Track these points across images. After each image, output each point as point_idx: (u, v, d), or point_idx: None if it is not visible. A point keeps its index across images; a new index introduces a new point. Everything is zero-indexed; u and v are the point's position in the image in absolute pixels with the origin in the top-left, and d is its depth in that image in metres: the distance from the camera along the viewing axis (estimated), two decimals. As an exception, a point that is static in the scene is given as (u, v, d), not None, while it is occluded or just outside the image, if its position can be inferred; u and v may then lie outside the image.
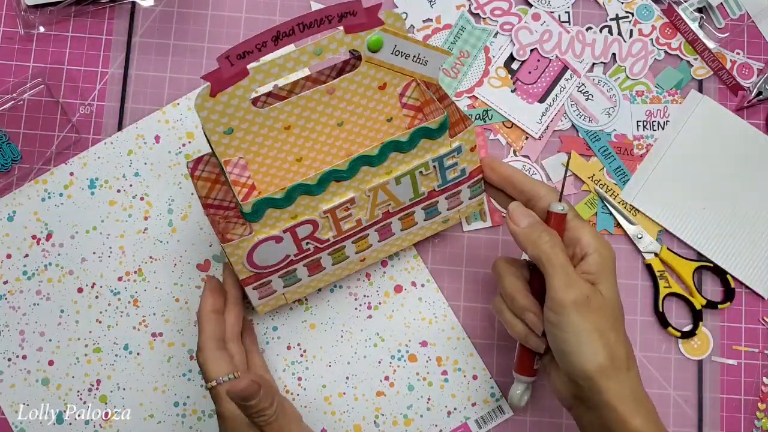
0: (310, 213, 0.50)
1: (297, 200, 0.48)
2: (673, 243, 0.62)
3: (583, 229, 0.49)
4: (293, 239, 0.50)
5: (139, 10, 0.64)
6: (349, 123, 0.53)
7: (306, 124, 0.51)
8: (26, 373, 0.59)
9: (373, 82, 0.51)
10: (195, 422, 0.59)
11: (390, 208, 0.53)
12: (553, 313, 0.47)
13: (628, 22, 0.65)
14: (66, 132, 0.62)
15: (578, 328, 0.46)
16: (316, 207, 0.50)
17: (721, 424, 0.60)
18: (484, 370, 0.60)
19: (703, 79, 0.65)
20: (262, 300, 0.55)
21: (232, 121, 0.47)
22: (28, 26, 0.63)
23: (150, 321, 0.60)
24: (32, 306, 0.60)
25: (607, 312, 0.47)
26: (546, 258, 0.47)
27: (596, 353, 0.46)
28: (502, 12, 0.64)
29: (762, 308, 0.62)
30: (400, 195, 0.52)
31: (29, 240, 0.60)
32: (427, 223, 0.57)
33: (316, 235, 0.51)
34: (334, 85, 0.50)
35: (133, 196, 0.61)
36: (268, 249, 0.50)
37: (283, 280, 0.54)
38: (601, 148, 0.63)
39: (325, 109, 0.51)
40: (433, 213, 0.56)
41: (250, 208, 0.47)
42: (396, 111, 0.54)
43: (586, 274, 0.48)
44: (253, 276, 0.52)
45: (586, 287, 0.47)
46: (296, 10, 0.64)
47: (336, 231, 0.52)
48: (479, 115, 0.63)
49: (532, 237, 0.49)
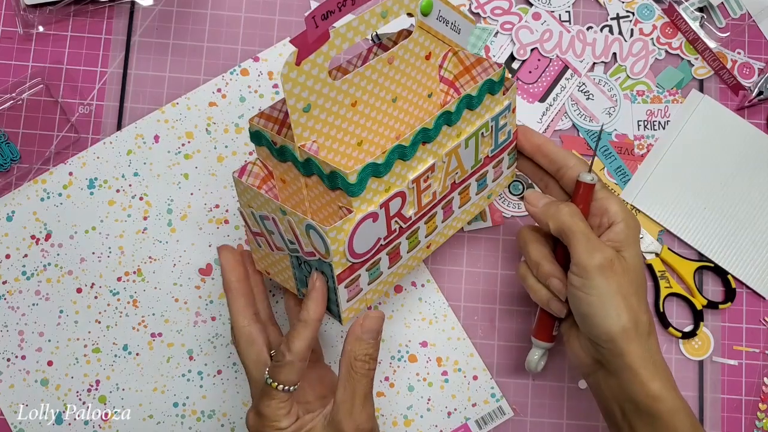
0: (400, 184, 0.46)
1: (392, 168, 0.45)
2: (673, 243, 0.62)
3: (610, 200, 0.50)
4: (385, 216, 0.46)
5: (138, 9, 0.64)
6: (401, 99, 0.51)
7: (369, 99, 0.49)
8: (25, 374, 0.59)
9: (422, 51, 0.50)
10: (194, 422, 0.59)
11: (456, 178, 0.51)
12: (578, 277, 0.47)
13: (629, 22, 0.65)
14: (65, 132, 0.62)
15: (602, 291, 0.46)
16: (404, 176, 0.47)
17: (721, 424, 0.60)
18: (484, 370, 0.60)
19: (703, 79, 0.65)
20: (350, 303, 0.49)
21: (311, 95, 0.44)
22: (27, 26, 0.62)
23: (149, 321, 0.60)
24: (31, 306, 0.60)
25: (631, 277, 0.48)
26: (567, 227, 0.48)
27: (620, 316, 0.46)
28: (502, 11, 0.64)
29: (763, 308, 0.62)
30: (465, 161, 0.51)
31: (28, 240, 0.60)
32: (476, 199, 0.55)
33: (402, 211, 0.48)
34: (394, 53, 0.48)
35: (132, 196, 0.61)
36: (365, 231, 0.45)
37: (369, 274, 0.48)
38: (602, 148, 0.63)
39: (384, 82, 0.49)
40: (482, 185, 0.54)
41: (355, 177, 0.43)
42: (435, 85, 0.53)
43: (611, 242, 0.49)
44: (348, 269, 0.46)
45: (610, 252, 0.47)
46: (296, 10, 0.64)
47: (417, 207, 0.49)
48: (479, 115, 0.63)
49: (550, 211, 0.49)
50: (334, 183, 0.44)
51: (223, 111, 0.62)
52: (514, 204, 0.62)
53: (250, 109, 0.62)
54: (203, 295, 0.60)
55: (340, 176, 0.43)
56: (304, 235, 0.44)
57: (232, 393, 0.59)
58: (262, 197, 0.46)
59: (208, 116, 0.62)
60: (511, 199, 0.62)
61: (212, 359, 0.60)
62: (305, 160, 0.45)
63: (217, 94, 0.63)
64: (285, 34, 0.64)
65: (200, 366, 0.59)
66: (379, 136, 0.51)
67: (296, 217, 0.44)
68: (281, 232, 0.46)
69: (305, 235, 0.44)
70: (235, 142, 0.62)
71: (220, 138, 0.62)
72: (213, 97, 0.63)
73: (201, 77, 0.63)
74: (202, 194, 0.61)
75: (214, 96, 0.63)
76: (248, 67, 0.63)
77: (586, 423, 0.60)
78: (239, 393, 0.59)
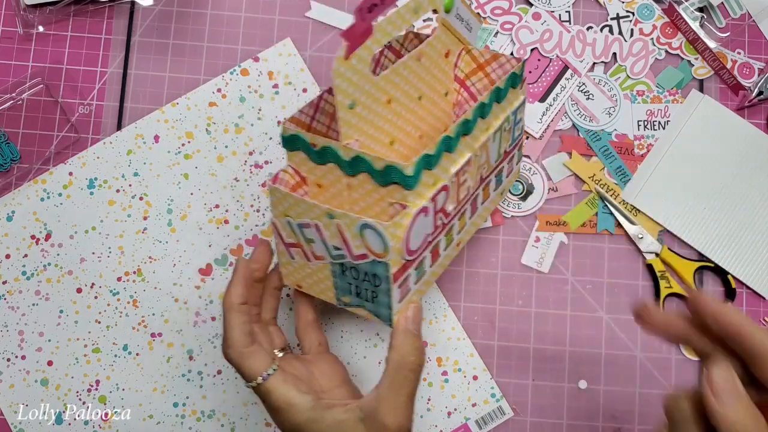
0: (444, 177, 0.45)
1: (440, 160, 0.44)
2: (674, 243, 0.62)
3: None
4: (433, 211, 0.45)
5: (138, 9, 0.64)
6: (425, 97, 0.51)
7: (401, 97, 0.48)
8: (25, 374, 0.59)
9: (443, 49, 0.50)
10: (194, 423, 0.59)
11: (483, 173, 0.50)
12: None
13: (629, 22, 0.65)
14: (65, 132, 0.62)
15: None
16: (448, 169, 0.46)
17: (721, 424, 0.60)
18: (484, 370, 0.60)
19: (703, 79, 0.65)
20: (400, 304, 0.46)
21: (356, 91, 0.43)
22: (27, 26, 0.62)
23: (149, 321, 0.60)
24: (31, 306, 0.60)
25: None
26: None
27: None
28: (502, 11, 0.64)
29: (763, 308, 0.62)
30: (492, 156, 0.50)
31: (28, 240, 0.60)
32: (494, 195, 0.54)
33: (445, 206, 0.46)
34: (422, 50, 0.48)
35: (132, 196, 0.61)
36: (418, 226, 0.44)
37: (416, 273, 0.47)
38: (602, 148, 0.63)
39: (413, 80, 0.48)
40: (499, 181, 0.54)
41: (412, 170, 0.42)
42: (451, 84, 0.53)
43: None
44: (402, 268, 0.44)
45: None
46: (296, 10, 0.64)
47: (455, 201, 0.48)
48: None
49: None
50: (387, 178, 0.43)
51: (223, 111, 0.62)
52: (514, 204, 0.62)
53: (250, 109, 0.62)
54: (203, 295, 0.60)
55: (397, 170, 0.42)
56: (356, 237, 0.43)
57: (232, 393, 0.59)
58: (305, 203, 0.44)
59: (208, 116, 0.62)
60: (511, 200, 0.62)
61: (212, 359, 0.60)
62: (352, 158, 0.44)
63: (217, 94, 0.63)
64: (285, 34, 0.64)
65: (200, 366, 0.59)
66: (406, 134, 0.50)
67: (348, 218, 0.42)
68: (324, 239, 0.45)
69: (358, 236, 0.43)
70: (235, 142, 0.62)
71: (220, 138, 0.62)
72: (213, 97, 0.62)
73: (201, 77, 0.63)
74: (202, 194, 0.61)
75: (214, 96, 0.63)
76: (248, 67, 0.63)
77: (586, 423, 0.60)
78: (239, 393, 0.59)
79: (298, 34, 0.64)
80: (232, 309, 0.47)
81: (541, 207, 0.62)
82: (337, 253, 0.45)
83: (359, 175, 0.44)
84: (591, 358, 0.61)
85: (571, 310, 0.61)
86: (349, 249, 0.44)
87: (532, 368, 0.60)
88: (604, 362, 0.61)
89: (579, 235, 0.62)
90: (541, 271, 0.62)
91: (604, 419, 0.60)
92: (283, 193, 0.45)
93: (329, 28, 0.64)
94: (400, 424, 0.44)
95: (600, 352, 0.61)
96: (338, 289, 0.47)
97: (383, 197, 0.44)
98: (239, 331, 0.47)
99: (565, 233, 0.62)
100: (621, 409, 0.60)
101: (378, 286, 0.45)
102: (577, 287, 0.62)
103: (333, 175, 0.45)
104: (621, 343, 0.61)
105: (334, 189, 0.46)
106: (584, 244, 0.62)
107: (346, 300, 0.48)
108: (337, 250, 0.44)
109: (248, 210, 0.61)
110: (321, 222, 0.44)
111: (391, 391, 0.44)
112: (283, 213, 0.46)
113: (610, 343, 0.61)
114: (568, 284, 0.62)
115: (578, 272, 0.62)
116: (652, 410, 0.60)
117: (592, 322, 0.61)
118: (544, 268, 0.62)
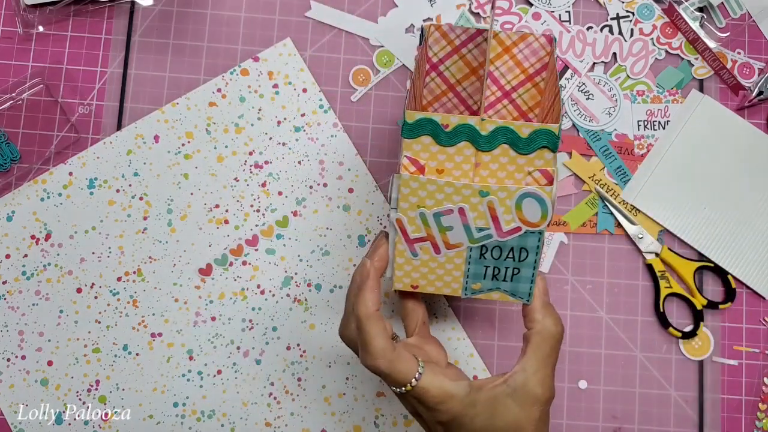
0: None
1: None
2: (673, 243, 0.62)
3: None
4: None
5: (138, 9, 0.64)
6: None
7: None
8: (25, 374, 0.59)
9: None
10: (194, 423, 0.59)
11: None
12: None
13: (629, 22, 0.65)
14: (65, 132, 0.62)
15: None
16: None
17: (721, 424, 0.60)
18: (484, 370, 0.60)
19: (703, 79, 0.65)
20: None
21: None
22: (27, 26, 0.62)
23: (149, 321, 0.60)
24: (31, 306, 0.60)
25: None
26: None
27: None
28: (502, 11, 0.64)
29: (763, 308, 0.62)
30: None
31: (28, 240, 0.60)
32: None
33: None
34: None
35: (132, 196, 0.61)
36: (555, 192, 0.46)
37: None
38: (602, 148, 0.63)
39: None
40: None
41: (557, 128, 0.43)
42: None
43: None
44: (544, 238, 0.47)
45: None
46: (296, 10, 0.64)
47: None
48: (479, 115, 0.63)
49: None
50: (534, 144, 0.43)
51: (223, 111, 0.62)
52: (514, 204, 0.62)
53: (250, 109, 0.62)
54: (203, 295, 0.60)
55: (546, 132, 0.42)
56: (509, 212, 0.43)
57: (232, 393, 0.59)
58: (453, 186, 0.43)
59: (208, 116, 0.62)
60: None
61: (212, 359, 0.60)
62: (493, 131, 0.43)
63: (217, 94, 0.63)
64: (285, 34, 0.64)
65: (200, 366, 0.59)
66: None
67: (506, 191, 0.42)
68: (468, 222, 0.44)
69: (514, 209, 0.43)
70: (235, 142, 0.62)
71: (220, 138, 0.62)
72: (213, 97, 0.62)
73: (201, 77, 0.63)
74: (202, 194, 0.61)
75: (214, 96, 0.63)
76: (248, 67, 0.63)
77: (586, 423, 0.60)
78: (239, 393, 0.59)
79: (298, 34, 0.64)
80: (371, 318, 0.45)
81: (541, 207, 0.62)
82: (481, 235, 0.44)
83: (496, 149, 0.44)
84: (591, 358, 0.61)
85: (571, 310, 0.61)
86: (498, 226, 0.44)
87: (532, 368, 0.60)
88: (604, 362, 0.61)
89: (579, 235, 0.62)
90: (541, 271, 0.62)
91: (604, 419, 0.60)
92: (422, 182, 0.44)
93: (329, 28, 0.64)
94: (551, 393, 0.46)
95: (600, 352, 0.61)
96: (469, 277, 0.47)
97: (520, 168, 0.44)
98: (382, 338, 0.45)
99: (565, 233, 0.62)
100: (621, 409, 0.60)
101: (523, 260, 0.45)
102: (577, 287, 0.62)
103: (462, 156, 0.45)
104: (621, 343, 0.61)
105: (458, 171, 0.45)
106: (584, 244, 0.62)
107: (476, 287, 0.47)
108: (481, 231, 0.44)
109: (248, 210, 0.61)
110: (468, 204, 0.43)
111: (539, 363, 0.46)
112: (417, 204, 0.45)
113: (610, 343, 0.61)
114: (568, 284, 0.62)
115: (578, 272, 0.62)
116: (652, 410, 0.60)
117: (592, 322, 0.61)
118: (544, 268, 0.62)
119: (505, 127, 0.43)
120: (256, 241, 0.61)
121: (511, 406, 0.45)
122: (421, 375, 0.45)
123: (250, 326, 0.60)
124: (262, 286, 0.60)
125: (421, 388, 0.45)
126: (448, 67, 0.50)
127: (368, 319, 0.45)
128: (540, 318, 0.46)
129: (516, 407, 0.45)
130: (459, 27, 0.49)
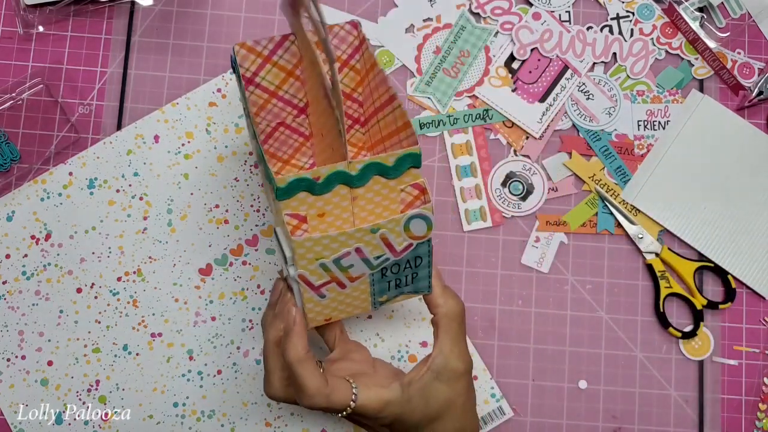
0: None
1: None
2: (673, 243, 0.62)
3: None
4: None
5: (138, 9, 0.64)
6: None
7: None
8: (25, 374, 0.59)
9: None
10: (194, 423, 0.59)
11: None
12: None
13: (629, 22, 0.65)
14: (65, 132, 0.62)
15: None
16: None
17: (721, 424, 0.60)
18: (484, 370, 0.60)
19: (703, 79, 0.65)
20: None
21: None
22: (27, 26, 0.62)
23: (149, 321, 0.60)
24: (31, 306, 0.60)
25: None
26: None
27: None
28: (502, 11, 0.64)
29: (763, 308, 0.62)
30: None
31: (28, 240, 0.60)
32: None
33: None
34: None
35: (132, 196, 0.61)
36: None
37: None
38: (602, 148, 0.63)
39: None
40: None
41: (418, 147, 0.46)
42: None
43: None
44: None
45: None
46: (296, 10, 0.64)
47: None
48: (480, 115, 0.63)
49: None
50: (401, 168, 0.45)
51: (223, 111, 0.62)
52: (513, 204, 0.62)
53: (250, 109, 0.62)
54: (203, 295, 0.60)
55: (411, 155, 0.45)
56: (400, 235, 0.45)
57: (232, 393, 0.59)
58: (345, 234, 0.44)
59: (208, 116, 0.62)
60: (511, 200, 0.62)
61: (212, 359, 0.60)
62: (362, 168, 0.45)
63: (217, 94, 0.63)
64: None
65: (200, 366, 0.59)
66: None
67: (393, 222, 0.45)
68: (366, 256, 0.46)
69: (402, 232, 0.45)
70: (235, 142, 0.62)
71: (220, 138, 0.62)
72: (213, 97, 0.62)
73: (201, 77, 0.63)
74: (202, 194, 0.61)
75: (214, 96, 0.63)
76: (248, 67, 0.63)
77: (586, 423, 0.60)
78: (239, 393, 0.59)
79: (298, 34, 0.64)
80: (302, 361, 0.46)
81: (541, 207, 0.62)
82: (379, 261, 0.47)
83: (369, 181, 0.46)
84: (591, 358, 0.61)
85: (571, 310, 0.61)
86: (393, 250, 0.46)
87: (532, 368, 0.60)
88: (604, 362, 0.61)
89: (579, 235, 0.62)
90: (541, 271, 0.62)
91: (604, 419, 0.60)
92: (314, 240, 0.44)
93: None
94: (470, 364, 0.49)
95: (600, 352, 0.61)
96: (375, 294, 0.49)
97: (393, 189, 0.47)
98: (316, 378, 0.46)
99: (565, 233, 0.62)
100: (621, 409, 0.60)
101: (419, 265, 0.48)
102: (577, 287, 0.62)
103: (338, 196, 0.46)
104: (621, 343, 0.61)
105: (338, 210, 0.47)
106: (584, 244, 0.62)
107: (382, 299, 0.50)
108: (378, 258, 0.46)
109: (248, 210, 0.61)
110: (362, 243, 0.45)
111: (452, 341, 0.49)
112: (315, 258, 0.45)
113: (610, 343, 0.61)
114: (568, 284, 0.62)
115: (578, 272, 0.62)
116: (652, 410, 0.60)
117: (592, 322, 0.61)
118: (544, 268, 0.62)
119: (372, 162, 0.45)
120: (256, 241, 0.61)
121: (440, 388, 0.48)
122: (356, 396, 0.47)
123: (250, 326, 0.60)
124: (262, 286, 0.60)
125: (360, 407, 0.47)
126: (264, 77, 0.51)
127: (299, 363, 0.45)
128: (442, 302, 0.49)
129: (444, 387, 0.48)
130: (264, 39, 0.50)
